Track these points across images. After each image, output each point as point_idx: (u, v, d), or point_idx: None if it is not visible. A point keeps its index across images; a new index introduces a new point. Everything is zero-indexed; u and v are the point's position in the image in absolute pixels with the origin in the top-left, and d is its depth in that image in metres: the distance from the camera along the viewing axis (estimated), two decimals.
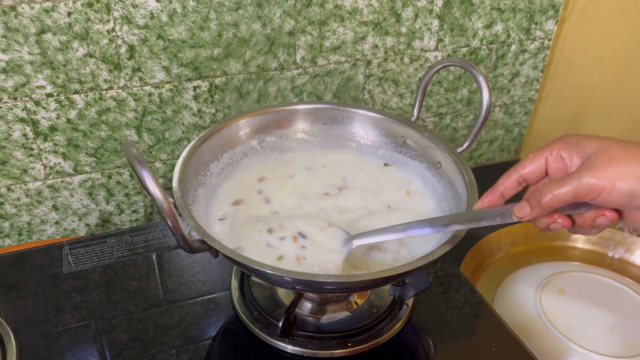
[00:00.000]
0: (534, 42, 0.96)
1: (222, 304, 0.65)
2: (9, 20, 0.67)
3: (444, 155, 0.62)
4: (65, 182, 0.81)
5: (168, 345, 0.60)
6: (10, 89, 0.72)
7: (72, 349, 0.60)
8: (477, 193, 0.55)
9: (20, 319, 0.63)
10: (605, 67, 1.06)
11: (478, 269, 0.81)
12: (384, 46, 0.87)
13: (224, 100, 0.83)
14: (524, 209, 0.46)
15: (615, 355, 0.66)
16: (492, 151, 1.09)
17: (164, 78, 0.78)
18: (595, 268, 0.80)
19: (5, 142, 0.75)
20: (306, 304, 0.63)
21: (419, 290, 0.59)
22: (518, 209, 0.47)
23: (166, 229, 0.76)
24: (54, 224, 0.85)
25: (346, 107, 0.70)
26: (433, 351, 0.62)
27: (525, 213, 0.46)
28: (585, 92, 1.08)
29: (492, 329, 0.64)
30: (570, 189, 0.43)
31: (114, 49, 0.73)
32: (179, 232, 0.46)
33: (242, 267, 0.57)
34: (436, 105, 0.97)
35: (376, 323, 0.61)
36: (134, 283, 0.68)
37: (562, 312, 0.72)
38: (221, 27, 0.76)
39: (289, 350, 0.59)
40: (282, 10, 0.78)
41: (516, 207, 0.47)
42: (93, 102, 0.76)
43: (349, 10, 0.82)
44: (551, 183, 0.44)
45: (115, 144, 0.81)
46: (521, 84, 1.01)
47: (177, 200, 0.52)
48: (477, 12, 0.89)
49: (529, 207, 0.46)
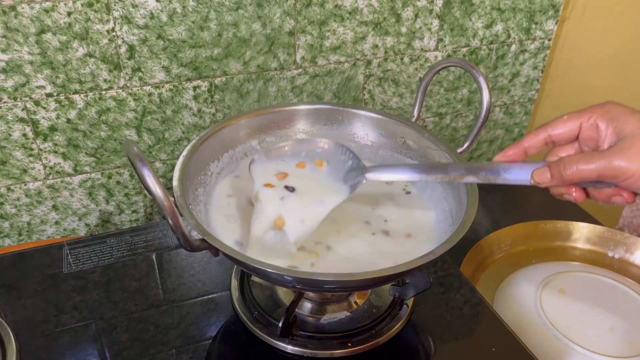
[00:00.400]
0: (534, 42, 0.97)
1: (222, 304, 0.65)
2: (9, 20, 0.67)
3: (444, 156, 0.62)
4: (65, 182, 0.81)
5: (168, 345, 0.60)
6: (10, 89, 0.72)
7: (72, 349, 0.60)
8: (477, 193, 0.55)
9: (20, 319, 0.63)
10: (605, 67, 1.06)
11: (478, 269, 0.81)
12: (384, 46, 0.87)
13: (224, 100, 0.83)
14: (544, 175, 0.45)
15: (615, 355, 0.66)
16: (492, 151, 1.09)
17: (163, 78, 0.78)
18: (595, 268, 0.80)
19: (5, 142, 0.75)
20: (306, 304, 0.63)
21: (419, 290, 0.59)
22: (538, 173, 0.45)
23: (166, 229, 0.76)
24: (54, 224, 0.85)
25: (346, 108, 0.70)
26: (433, 351, 0.62)
27: (544, 180, 0.45)
28: (585, 92, 1.08)
29: (492, 329, 0.64)
30: (597, 168, 0.42)
31: (113, 49, 0.73)
32: (180, 230, 0.46)
33: (242, 266, 0.57)
34: (436, 105, 0.97)
35: (376, 323, 0.61)
36: (134, 283, 0.68)
37: (562, 312, 0.72)
38: (221, 27, 0.76)
39: (289, 350, 0.59)
40: (282, 10, 0.78)
41: (536, 170, 0.45)
42: (93, 102, 0.76)
43: (349, 10, 0.82)
44: (578, 157, 0.43)
45: (115, 144, 0.81)
46: (521, 84, 1.01)
47: (178, 199, 0.52)
48: (477, 12, 0.89)
49: (549, 175, 0.44)
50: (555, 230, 0.86)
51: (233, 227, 0.59)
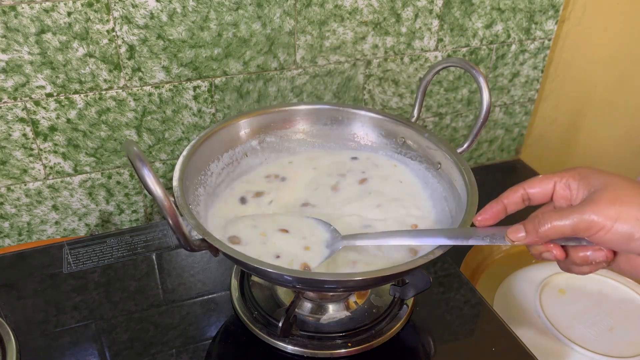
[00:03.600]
0: (534, 42, 0.96)
1: (222, 304, 0.65)
2: (9, 20, 0.67)
3: (444, 156, 0.62)
4: (65, 182, 0.81)
5: (168, 345, 0.60)
6: (10, 89, 0.72)
7: (72, 349, 0.60)
8: (477, 193, 0.55)
9: (20, 319, 0.63)
10: (605, 67, 1.06)
11: (478, 269, 0.81)
12: (384, 46, 0.87)
13: (224, 100, 0.83)
14: (519, 233, 0.46)
15: (615, 355, 0.66)
16: (492, 151, 1.09)
17: (163, 78, 0.78)
18: None
19: (5, 142, 0.75)
20: (306, 304, 0.63)
21: (419, 290, 0.60)
22: (512, 231, 0.46)
23: (166, 229, 0.76)
24: (54, 224, 0.85)
25: (346, 108, 0.70)
26: (433, 351, 0.62)
27: (519, 237, 0.46)
28: (585, 92, 1.08)
29: (492, 329, 0.64)
30: (571, 223, 0.43)
31: (113, 49, 0.73)
32: (180, 231, 0.46)
33: (242, 266, 0.57)
34: (436, 105, 0.97)
35: (376, 323, 0.62)
36: (134, 283, 0.68)
37: (562, 312, 0.72)
38: (221, 27, 0.76)
39: (289, 350, 0.59)
40: (282, 10, 0.78)
41: (511, 229, 0.47)
42: (93, 102, 0.76)
43: (349, 10, 0.82)
44: (552, 213, 0.44)
45: (115, 144, 0.81)
46: (521, 84, 1.01)
47: (178, 199, 0.52)
48: (477, 12, 0.89)
49: (524, 232, 0.46)
50: None
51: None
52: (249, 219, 0.59)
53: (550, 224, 0.44)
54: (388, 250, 0.56)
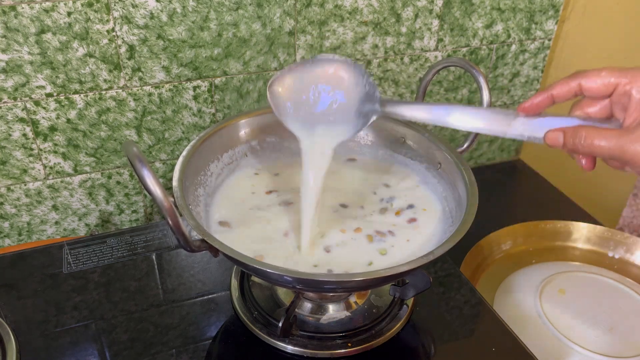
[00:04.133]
0: (534, 42, 0.96)
1: (222, 304, 0.65)
2: (9, 20, 0.67)
3: (444, 156, 0.62)
4: (65, 182, 0.81)
5: (168, 345, 0.60)
6: (10, 89, 0.72)
7: (72, 349, 0.60)
8: (477, 193, 0.55)
9: (20, 319, 0.63)
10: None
11: (478, 269, 0.81)
12: (384, 46, 0.87)
13: (224, 100, 0.83)
14: (557, 139, 0.43)
15: (615, 355, 0.66)
16: (492, 151, 1.09)
17: (163, 78, 0.78)
18: (595, 268, 0.80)
19: (5, 142, 0.75)
20: (306, 304, 0.63)
21: (419, 290, 0.59)
22: (551, 137, 0.44)
23: (166, 229, 0.76)
24: (54, 224, 0.85)
25: None
26: (433, 351, 0.62)
27: (556, 144, 0.43)
28: None
29: (492, 329, 0.64)
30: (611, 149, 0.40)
31: (113, 49, 0.73)
32: (180, 231, 0.46)
33: (241, 266, 0.57)
34: None
35: (376, 323, 0.61)
36: (134, 283, 0.68)
37: (562, 312, 0.72)
38: (221, 27, 0.76)
39: (289, 350, 0.59)
40: (282, 10, 0.78)
41: (550, 133, 0.44)
42: (93, 102, 0.76)
43: (349, 10, 0.82)
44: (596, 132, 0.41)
45: (115, 144, 0.81)
46: (521, 84, 1.01)
47: (177, 199, 0.52)
48: (477, 12, 0.89)
49: (562, 140, 0.43)
50: (555, 230, 0.86)
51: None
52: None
53: (592, 143, 0.41)
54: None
